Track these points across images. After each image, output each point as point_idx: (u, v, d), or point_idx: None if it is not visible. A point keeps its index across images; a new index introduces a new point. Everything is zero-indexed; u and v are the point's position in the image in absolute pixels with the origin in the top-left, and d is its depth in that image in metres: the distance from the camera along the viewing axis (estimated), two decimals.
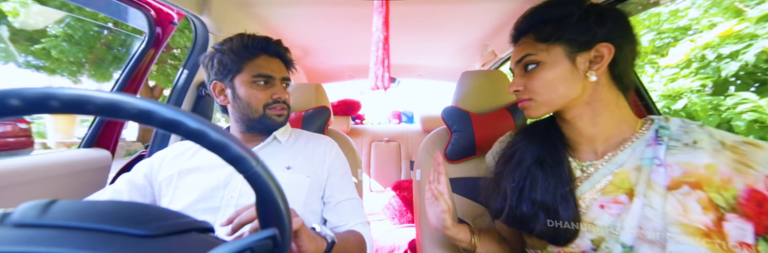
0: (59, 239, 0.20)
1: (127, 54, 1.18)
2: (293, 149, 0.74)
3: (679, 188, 0.42)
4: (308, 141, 0.77)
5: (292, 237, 0.27)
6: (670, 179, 0.43)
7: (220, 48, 0.68)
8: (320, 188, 0.72)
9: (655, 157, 0.45)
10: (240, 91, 0.67)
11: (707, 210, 0.40)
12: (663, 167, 0.44)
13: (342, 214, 0.71)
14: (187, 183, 0.66)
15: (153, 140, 0.94)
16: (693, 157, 0.43)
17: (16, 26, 4.55)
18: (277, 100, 0.69)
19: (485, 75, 0.99)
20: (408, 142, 2.03)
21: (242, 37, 0.68)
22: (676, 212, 0.41)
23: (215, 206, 0.63)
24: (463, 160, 0.93)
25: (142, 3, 0.84)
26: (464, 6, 0.98)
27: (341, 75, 1.98)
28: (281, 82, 0.71)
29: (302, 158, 0.72)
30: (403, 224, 1.56)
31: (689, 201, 0.41)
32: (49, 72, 5.18)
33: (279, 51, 0.71)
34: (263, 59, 0.68)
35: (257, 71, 0.67)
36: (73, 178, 0.80)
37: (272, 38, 0.71)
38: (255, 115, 0.69)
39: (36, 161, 0.73)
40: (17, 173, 0.68)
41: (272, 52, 0.70)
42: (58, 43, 4.70)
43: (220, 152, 0.23)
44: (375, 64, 0.60)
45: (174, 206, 0.64)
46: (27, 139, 4.45)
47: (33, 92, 0.19)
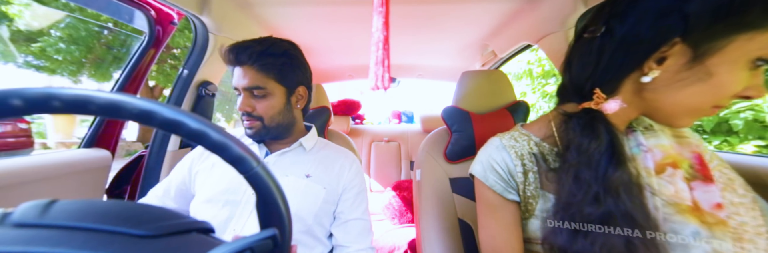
0: (59, 239, 0.20)
1: (127, 54, 1.18)
2: (316, 157, 0.74)
3: (665, 171, 0.44)
4: (331, 153, 0.76)
5: (291, 237, 0.27)
6: (654, 163, 0.44)
7: None
8: (334, 202, 0.71)
9: (639, 143, 0.46)
10: None
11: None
12: (648, 152, 0.45)
13: (349, 233, 0.71)
14: (217, 174, 0.68)
15: (153, 140, 0.94)
16: (659, 139, 0.46)
17: (20, 28, 4.56)
18: (242, 113, 0.66)
19: (485, 75, 0.99)
20: (408, 142, 2.03)
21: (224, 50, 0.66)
22: (670, 193, 0.42)
23: (237, 199, 0.65)
24: (463, 160, 0.93)
25: (142, 3, 0.84)
26: (464, 6, 0.98)
27: (341, 75, 1.98)
28: (247, 92, 0.64)
29: (322, 168, 0.72)
30: (403, 224, 1.56)
31: (677, 181, 0.43)
32: (49, 72, 5.18)
33: (243, 58, 0.63)
34: (237, 70, 0.65)
35: (233, 84, 0.66)
36: (73, 178, 0.80)
37: (244, 45, 0.65)
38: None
39: (36, 161, 0.73)
40: (18, 173, 0.68)
41: (232, 61, 0.64)
42: (55, 43, 4.70)
43: (220, 152, 0.23)
44: (375, 64, 0.60)
45: (201, 194, 0.67)
46: (27, 139, 4.45)
47: (34, 92, 0.19)
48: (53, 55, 4.83)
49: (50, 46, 4.69)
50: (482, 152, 0.56)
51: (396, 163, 1.98)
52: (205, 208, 0.65)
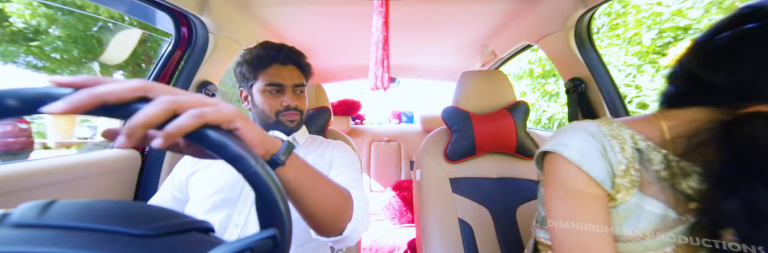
0: (58, 239, 0.20)
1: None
2: (307, 149, 0.78)
3: None
4: (321, 144, 0.81)
5: (290, 237, 0.27)
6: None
7: (241, 59, 0.74)
8: None
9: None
10: (256, 99, 0.73)
11: None
12: None
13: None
14: (210, 174, 0.69)
15: None
16: None
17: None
18: (288, 108, 0.73)
19: (485, 75, 0.99)
20: (408, 142, 2.03)
21: (256, 48, 0.72)
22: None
23: (234, 197, 0.66)
24: (463, 160, 0.93)
25: (168, 4, 0.84)
26: (464, 6, 0.98)
27: (341, 75, 1.98)
28: (293, 90, 0.74)
29: (312, 157, 0.75)
30: (403, 224, 1.56)
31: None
32: (49, 72, 5.18)
33: (291, 57, 0.73)
34: (275, 68, 0.72)
35: (269, 80, 0.71)
36: (104, 177, 0.81)
37: (286, 47, 0.74)
38: (270, 121, 0.73)
39: (69, 160, 0.75)
40: (51, 172, 0.69)
41: (283, 59, 0.72)
42: (53, 41, 4.70)
43: (219, 151, 0.23)
44: (375, 64, 0.60)
45: (196, 194, 0.67)
46: (27, 139, 4.45)
47: (31, 92, 0.19)
48: (49, 52, 4.82)
49: (47, 44, 4.67)
50: (574, 135, 0.50)
51: (396, 163, 1.98)
52: (202, 207, 0.65)
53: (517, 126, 0.90)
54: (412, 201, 1.19)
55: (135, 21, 1.11)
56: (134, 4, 0.82)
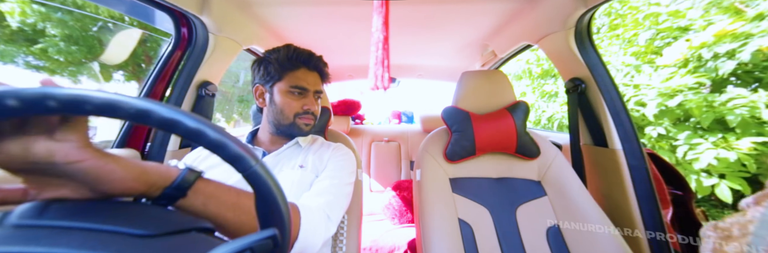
0: (58, 239, 0.20)
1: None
2: (309, 151, 0.79)
3: None
4: (322, 145, 0.82)
5: (290, 237, 0.26)
6: None
7: (269, 57, 0.75)
8: None
9: None
10: (276, 98, 0.74)
11: None
12: None
13: (311, 191, 0.63)
14: (212, 176, 0.68)
15: (153, 139, 0.94)
16: None
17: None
18: (307, 111, 0.75)
19: (485, 75, 0.99)
20: (408, 142, 2.03)
21: (289, 49, 0.74)
22: None
23: None
24: (463, 160, 0.93)
25: (168, 4, 0.84)
26: (464, 6, 0.98)
27: (341, 75, 1.98)
28: (314, 95, 0.76)
29: (313, 159, 0.76)
30: (403, 224, 1.55)
31: None
32: (49, 72, 5.17)
33: (319, 66, 0.76)
34: (302, 72, 0.74)
35: (295, 82, 0.73)
36: None
37: (315, 54, 0.76)
38: (285, 122, 0.74)
39: None
40: None
41: (312, 66, 0.75)
42: (55, 43, 4.69)
43: (218, 151, 0.23)
44: (375, 64, 0.60)
45: None
46: None
47: (30, 92, 0.19)
48: (50, 52, 4.82)
49: (50, 45, 4.67)
50: None
51: (396, 163, 1.98)
52: None
53: (517, 126, 0.90)
54: (412, 201, 1.19)
55: (135, 21, 1.12)
56: (134, 4, 0.82)
